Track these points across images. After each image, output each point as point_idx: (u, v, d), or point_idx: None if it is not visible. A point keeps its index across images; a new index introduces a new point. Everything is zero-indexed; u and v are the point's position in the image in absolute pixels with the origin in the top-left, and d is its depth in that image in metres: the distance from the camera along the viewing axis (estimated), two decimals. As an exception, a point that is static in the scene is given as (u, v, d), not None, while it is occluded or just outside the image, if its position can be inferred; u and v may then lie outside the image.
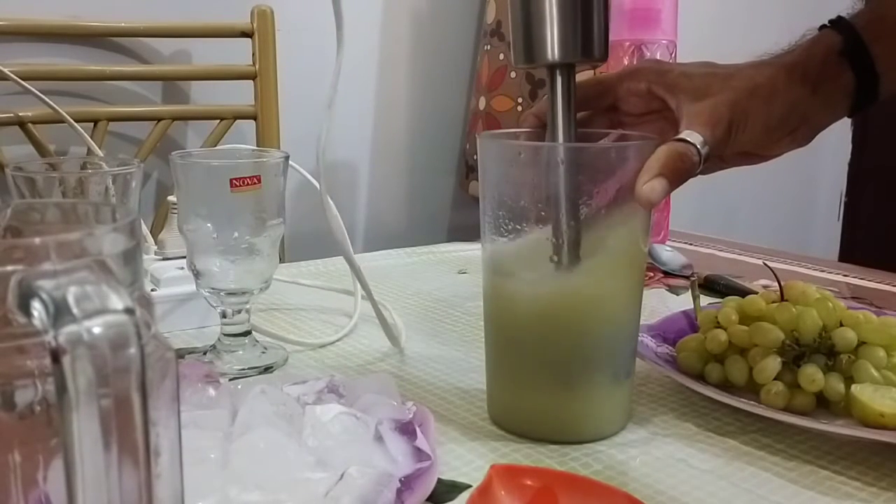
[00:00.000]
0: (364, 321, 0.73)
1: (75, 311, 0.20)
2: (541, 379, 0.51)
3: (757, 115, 0.51)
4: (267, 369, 0.62)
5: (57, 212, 0.32)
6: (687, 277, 0.88)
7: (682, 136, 0.50)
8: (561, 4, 0.50)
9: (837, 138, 1.89)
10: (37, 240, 0.22)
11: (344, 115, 1.25)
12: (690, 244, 1.08)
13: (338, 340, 0.69)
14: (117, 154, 1.01)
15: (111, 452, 0.21)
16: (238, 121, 1.10)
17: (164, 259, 0.73)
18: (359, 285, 0.75)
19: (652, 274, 0.90)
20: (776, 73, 0.52)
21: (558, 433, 0.51)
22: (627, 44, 0.92)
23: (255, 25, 1.08)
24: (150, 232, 0.85)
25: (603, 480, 0.46)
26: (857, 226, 1.96)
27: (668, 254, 0.94)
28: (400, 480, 0.42)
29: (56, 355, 0.20)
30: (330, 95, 0.59)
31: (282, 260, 0.95)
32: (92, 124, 1.00)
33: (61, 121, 0.84)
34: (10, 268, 0.21)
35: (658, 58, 0.91)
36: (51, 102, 0.84)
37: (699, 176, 0.52)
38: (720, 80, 0.52)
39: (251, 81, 1.09)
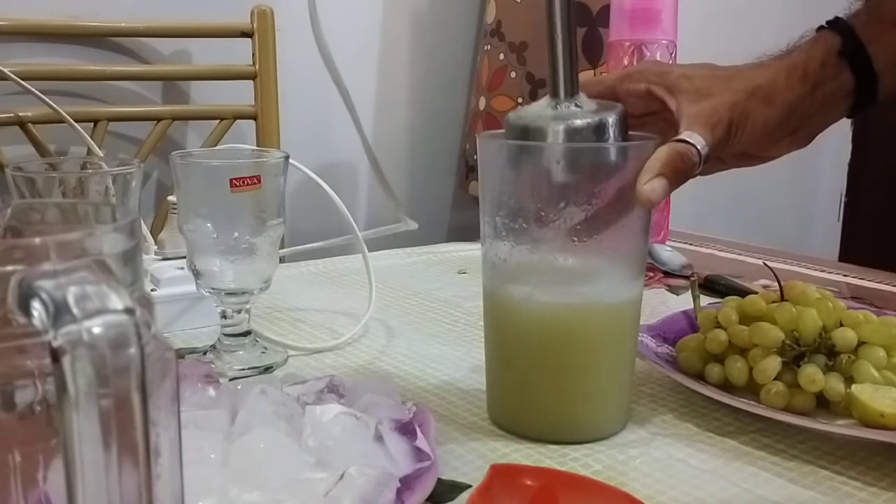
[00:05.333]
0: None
1: (75, 311, 0.20)
2: (541, 380, 0.51)
3: (756, 116, 0.51)
4: (267, 369, 0.62)
5: (57, 212, 0.32)
6: (687, 277, 0.88)
7: (682, 136, 0.50)
8: None
9: (837, 138, 1.89)
10: (37, 240, 0.22)
11: (344, 115, 1.25)
12: (690, 244, 1.08)
13: (338, 347, 0.68)
14: (117, 154, 1.01)
15: (111, 452, 0.21)
16: (238, 121, 1.10)
17: (164, 259, 0.73)
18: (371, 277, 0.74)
19: (652, 274, 0.90)
20: (776, 75, 0.52)
21: (558, 433, 0.51)
22: (627, 44, 0.92)
23: (255, 25, 1.08)
24: (150, 232, 0.85)
25: (603, 480, 0.46)
26: (857, 226, 1.95)
27: (668, 254, 0.94)
28: (400, 480, 0.42)
29: (56, 355, 0.20)
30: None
31: (282, 260, 0.95)
32: (92, 124, 1.00)
33: (61, 121, 0.84)
34: (10, 268, 0.21)
35: (658, 58, 0.91)
36: (51, 102, 0.84)
37: (699, 176, 0.52)
38: (720, 81, 0.52)
39: (251, 81, 1.09)
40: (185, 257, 0.63)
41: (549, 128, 0.49)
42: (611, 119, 0.49)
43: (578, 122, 0.48)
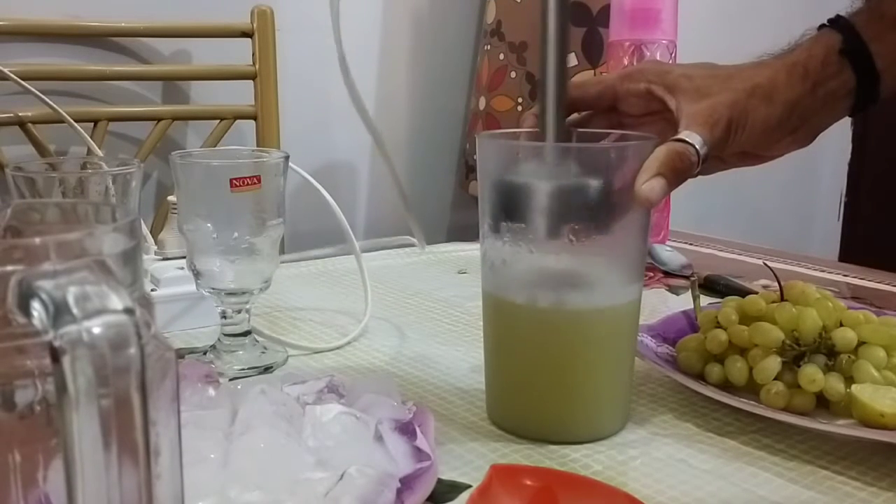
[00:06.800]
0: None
1: (75, 311, 0.20)
2: (541, 380, 0.50)
3: (756, 115, 0.51)
4: (267, 369, 0.62)
5: (57, 212, 0.32)
6: (687, 277, 0.88)
7: (681, 136, 0.50)
8: None
9: (837, 138, 1.89)
10: (37, 240, 0.22)
11: (344, 115, 1.25)
12: (690, 244, 1.08)
13: (338, 347, 0.68)
14: (117, 154, 1.01)
15: (111, 452, 0.21)
16: (238, 121, 1.10)
17: (164, 259, 0.73)
18: (367, 279, 0.75)
19: (652, 274, 0.90)
20: (776, 73, 0.52)
21: (558, 433, 0.51)
22: (627, 44, 0.92)
23: (255, 25, 1.08)
24: (150, 232, 0.85)
25: (603, 480, 0.46)
26: (857, 226, 1.96)
27: (668, 254, 0.94)
28: (400, 480, 0.42)
29: (56, 355, 0.20)
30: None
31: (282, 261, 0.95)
32: (92, 124, 1.00)
33: (61, 121, 0.84)
34: (10, 268, 0.21)
35: (658, 58, 0.91)
36: (51, 102, 0.84)
37: (699, 176, 0.52)
38: (720, 80, 0.52)
39: (251, 81, 1.10)
40: (185, 257, 0.63)
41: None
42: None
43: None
